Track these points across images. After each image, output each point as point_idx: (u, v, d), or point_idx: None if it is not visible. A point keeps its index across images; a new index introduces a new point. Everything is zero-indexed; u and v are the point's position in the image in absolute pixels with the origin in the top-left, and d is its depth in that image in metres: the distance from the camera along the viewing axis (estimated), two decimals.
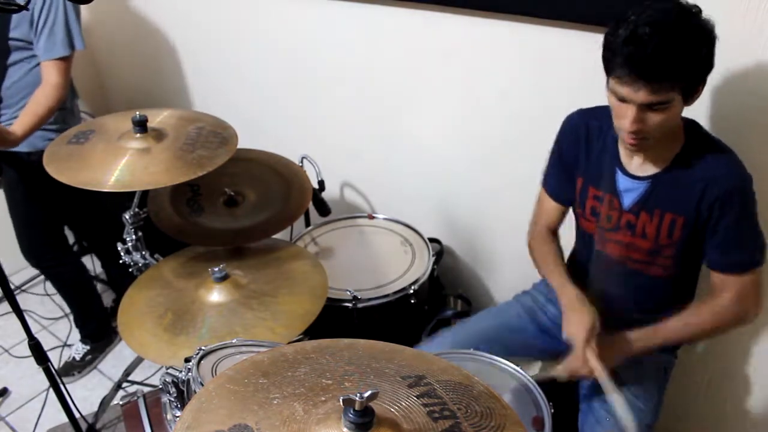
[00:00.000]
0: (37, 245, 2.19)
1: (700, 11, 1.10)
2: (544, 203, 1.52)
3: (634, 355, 1.30)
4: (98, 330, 2.40)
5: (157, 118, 1.56)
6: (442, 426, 0.78)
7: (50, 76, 1.86)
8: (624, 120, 1.15)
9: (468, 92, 1.80)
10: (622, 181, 1.30)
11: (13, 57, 1.88)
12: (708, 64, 1.11)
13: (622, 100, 1.14)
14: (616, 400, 1.24)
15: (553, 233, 1.54)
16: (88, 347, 2.36)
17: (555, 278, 1.44)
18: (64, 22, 1.83)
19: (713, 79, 1.34)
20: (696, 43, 1.08)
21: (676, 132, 1.22)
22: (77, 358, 2.34)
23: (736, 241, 1.23)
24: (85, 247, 2.70)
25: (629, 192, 1.30)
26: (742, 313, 1.28)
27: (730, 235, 1.22)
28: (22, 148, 1.87)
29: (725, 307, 1.27)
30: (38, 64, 1.89)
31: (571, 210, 1.49)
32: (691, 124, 1.25)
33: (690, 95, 1.14)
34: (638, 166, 1.28)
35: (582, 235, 1.47)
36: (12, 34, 1.84)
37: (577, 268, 1.50)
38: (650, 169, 1.26)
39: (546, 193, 1.50)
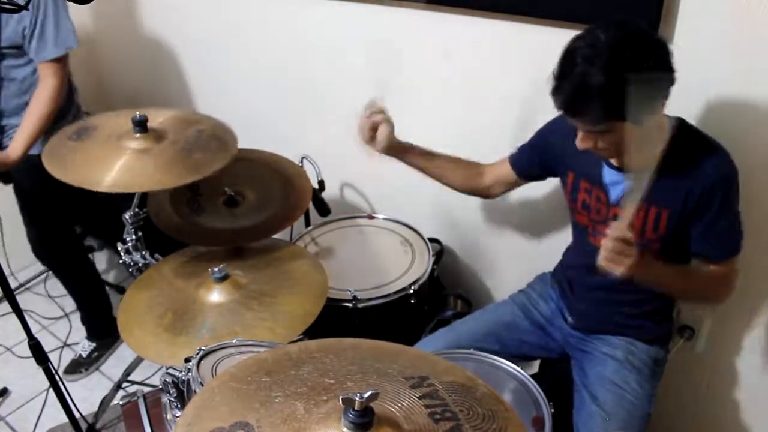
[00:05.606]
0: (48, 243, 2.18)
1: (643, 39, 1.09)
2: (500, 161, 1.58)
3: (645, 274, 1.22)
4: (105, 327, 2.38)
5: (158, 119, 1.56)
6: (444, 427, 0.78)
7: (45, 78, 1.83)
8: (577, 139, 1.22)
9: (468, 92, 1.80)
10: (609, 175, 1.33)
11: (5, 65, 1.83)
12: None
13: None
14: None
15: (480, 172, 1.60)
16: (94, 344, 2.36)
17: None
18: (54, 21, 1.78)
19: (710, 79, 1.35)
20: (617, 81, 1.07)
21: (659, 130, 1.23)
22: (84, 356, 2.33)
23: (717, 232, 1.25)
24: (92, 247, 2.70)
25: (616, 185, 1.32)
26: (717, 295, 1.34)
27: (711, 227, 1.24)
28: (32, 150, 1.85)
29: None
30: (35, 71, 1.86)
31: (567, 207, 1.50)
32: (678, 122, 1.26)
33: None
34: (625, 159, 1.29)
35: (576, 228, 1.49)
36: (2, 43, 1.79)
37: (573, 260, 1.53)
38: None
39: (508, 156, 1.57)
